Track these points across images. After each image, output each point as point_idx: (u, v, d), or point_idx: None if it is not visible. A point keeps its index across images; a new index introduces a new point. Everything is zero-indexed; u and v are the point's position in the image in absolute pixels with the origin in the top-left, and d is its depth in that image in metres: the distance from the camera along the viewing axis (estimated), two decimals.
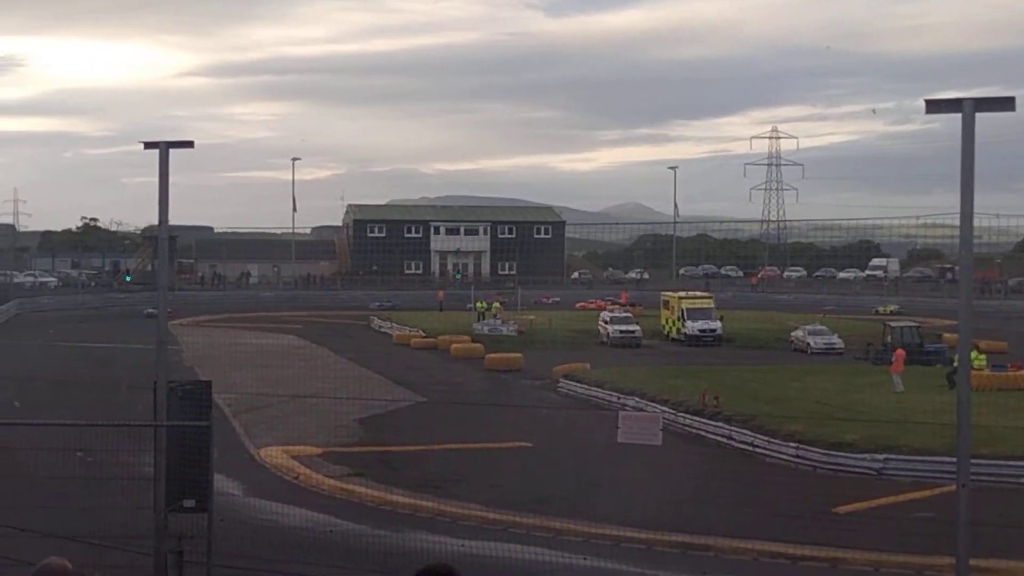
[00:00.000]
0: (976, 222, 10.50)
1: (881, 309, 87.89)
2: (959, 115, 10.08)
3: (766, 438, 32.87)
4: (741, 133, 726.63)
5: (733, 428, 34.69)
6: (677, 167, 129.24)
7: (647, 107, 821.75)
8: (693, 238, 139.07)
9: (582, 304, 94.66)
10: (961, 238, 10.45)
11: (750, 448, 33.29)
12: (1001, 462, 28.13)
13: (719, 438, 34.97)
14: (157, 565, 12.37)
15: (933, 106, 10.53)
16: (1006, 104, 10.26)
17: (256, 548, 14.63)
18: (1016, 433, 30.31)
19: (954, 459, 10.75)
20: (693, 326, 67.08)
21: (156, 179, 13.23)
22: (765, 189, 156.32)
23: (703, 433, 35.74)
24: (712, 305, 70.64)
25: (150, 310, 79.78)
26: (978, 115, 10.06)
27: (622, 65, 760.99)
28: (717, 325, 67.36)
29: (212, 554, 12.25)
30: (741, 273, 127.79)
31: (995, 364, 43.46)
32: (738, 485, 28.56)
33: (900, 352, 43.80)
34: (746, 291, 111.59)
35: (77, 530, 14.48)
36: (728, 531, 23.47)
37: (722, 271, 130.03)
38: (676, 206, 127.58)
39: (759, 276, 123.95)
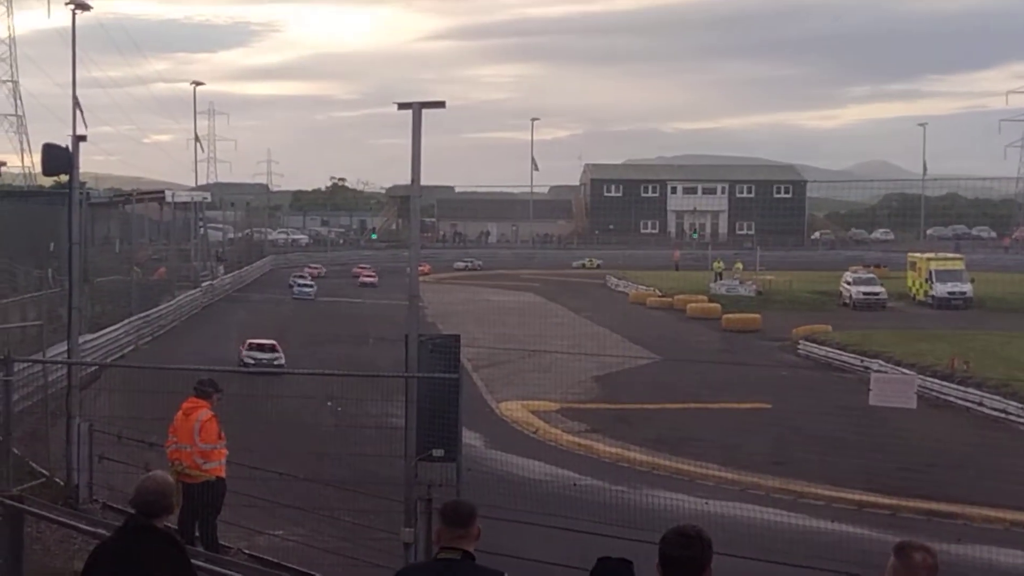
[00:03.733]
0: None
1: None
2: None
3: (1020, 405, 31.56)
4: (997, 88, 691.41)
5: (984, 394, 33.45)
6: (927, 123, 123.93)
7: (899, 62, 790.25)
8: (942, 197, 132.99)
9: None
10: None
11: (1002, 415, 32.04)
12: None
13: (968, 404, 33.76)
14: (407, 511, 12.77)
15: None
16: None
17: (501, 498, 14.99)
18: None
19: None
20: (942, 288, 64.83)
21: (401, 140, 13.69)
22: (1022, 146, 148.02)
23: (951, 399, 34.57)
24: (962, 267, 68.00)
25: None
26: None
27: (875, 18, 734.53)
28: (967, 287, 64.88)
29: None
30: (994, 234, 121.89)
31: None
32: (988, 453, 27.47)
33: None
34: (998, 253, 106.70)
35: (330, 475, 15.13)
36: (977, 499, 22.66)
37: (973, 232, 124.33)
38: (925, 164, 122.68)
39: (1013, 237, 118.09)
